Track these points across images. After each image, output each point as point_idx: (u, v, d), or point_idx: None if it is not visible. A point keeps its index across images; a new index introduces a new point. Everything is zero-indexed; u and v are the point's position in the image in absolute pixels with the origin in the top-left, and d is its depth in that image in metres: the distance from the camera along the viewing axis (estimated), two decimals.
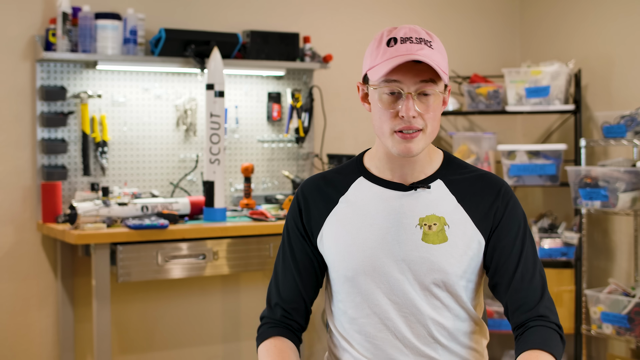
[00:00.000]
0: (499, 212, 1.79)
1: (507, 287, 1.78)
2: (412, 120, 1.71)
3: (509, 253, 1.79)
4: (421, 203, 1.79)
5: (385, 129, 1.74)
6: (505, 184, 1.85)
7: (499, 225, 1.79)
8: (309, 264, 1.87)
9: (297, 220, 1.87)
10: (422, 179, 1.81)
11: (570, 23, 4.55)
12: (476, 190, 1.81)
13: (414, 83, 1.71)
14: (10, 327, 3.65)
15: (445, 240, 1.76)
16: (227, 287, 4.10)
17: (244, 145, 4.09)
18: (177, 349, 4.00)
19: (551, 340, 1.73)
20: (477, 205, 1.80)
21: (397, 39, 1.72)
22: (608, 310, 3.83)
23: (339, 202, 1.84)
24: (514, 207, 1.82)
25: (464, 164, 1.88)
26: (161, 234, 3.31)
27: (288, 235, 1.89)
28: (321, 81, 4.24)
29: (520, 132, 4.86)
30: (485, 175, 1.85)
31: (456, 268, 1.76)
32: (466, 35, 4.74)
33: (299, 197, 1.89)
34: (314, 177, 1.91)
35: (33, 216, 3.66)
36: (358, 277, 1.79)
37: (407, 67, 1.70)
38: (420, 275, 1.76)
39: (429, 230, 1.77)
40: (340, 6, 4.39)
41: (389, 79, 1.71)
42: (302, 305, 1.90)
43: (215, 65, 3.52)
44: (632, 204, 3.79)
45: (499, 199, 1.81)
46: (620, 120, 3.85)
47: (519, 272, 1.78)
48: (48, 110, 3.65)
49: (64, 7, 3.53)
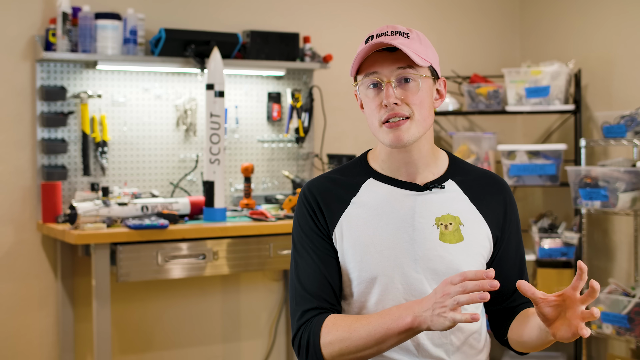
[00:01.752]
0: (508, 213, 1.85)
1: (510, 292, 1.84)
2: (396, 107, 1.73)
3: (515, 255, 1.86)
4: (436, 203, 1.80)
5: (374, 122, 1.77)
6: (507, 184, 1.91)
7: (509, 227, 1.85)
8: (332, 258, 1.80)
9: (311, 222, 1.81)
10: (434, 179, 1.82)
11: (570, 23, 4.55)
12: (485, 190, 1.85)
13: (391, 71, 1.73)
14: (10, 327, 3.65)
15: (461, 239, 1.78)
16: (227, 287, 4.10)
17: (244, 145, 4.09)
18: (177, 349, 4.00)
19: None
20: (487, 204, 1.84)
21: (373, 35, 1.76)
22: (608, 310, 3.83)
23: (351, 204, 1.82)
24: (515, 209, 1.89)
25: (467, 164, 1.91)
26: (161, 234, 3.30)
27: (304, 239, 1.81)
28: (321, 81, 4.24)
29: (520, 132, 4.86)
30: (490, 175, 1.90)
31: (471, 267, 1.78)
32: (466, 35, 4.74)
33: (309, 199, 1.83)
34: (319, 179, 1.88)
35: (33, 216, 3.66)
36: (377, 278, 1.77)
37: (384, 57, 1.74)
38: (439, 275, 1.76)
39: (446, 230, 1.78)
40: (340, 6, 4.39)
41: (368, 72, 1.75)
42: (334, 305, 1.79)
43: (215, 65, 3.52)
44: (632, 204, 3.79)
45: (506, 198, 1.87)
46: (620, 120, 3.85)
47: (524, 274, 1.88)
48: (48, 110, 3.65)
49: (64, 7, 3.53)
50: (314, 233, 1.81)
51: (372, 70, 1.75)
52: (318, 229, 1.81)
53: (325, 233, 1.81)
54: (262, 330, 4.19)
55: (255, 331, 4.17)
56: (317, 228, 1.81)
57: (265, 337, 4.20)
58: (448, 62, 4.55)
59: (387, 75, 1.74)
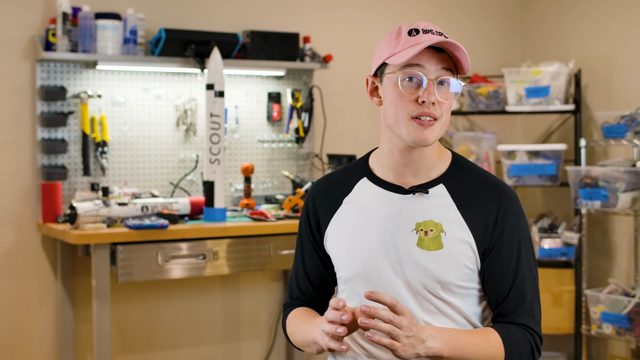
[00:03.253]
0: (498, 226, 1.75)
1: (500, 303, 1.77)
2: (431, 107, 1.71)
3: (506, 269, 1.76)
4: (420, 207, 1.77)
5: (401, 116, 1.73)
6: (513, 194, 1.80)
7: (499, 240, 1.76)
8: (317, 269, 1.91)
9: (305, 223, 1.91)
10: (425, 182, 1.79)
11: (570, 23, 4.55)
12: (480, 199, 1.77)
13: (435, 70, 1.72)
14: (10, 327, 3.65)
15: (440, 247, 1.74)
16: (227, 287, 4.10)
17: (244, 145, 4.09)
18: (177, 349, 4.00)
19: (516, 340, 1.73)
20: (477, 213, 1.76)
21: (418, 30, 1.73)
22: (608, 310, 3.83)
23: (342, 203, 1.84)
24: (516, 221, 1.78)
25: (473, 168, 1.84)
26: (161, 234, 3.30)
27: (301, 238, 1.94)
28: (321, 81, 4.24)
29: (520, 132, 4.86)
30: (493, 184, 1.80)
31: (450, 276, 1.73)
32: (466, 35, 4.74)
33: (308, 201, 1.91)
34: (321, 180, 1.93)
35: (33, 216, 3.66)
36: (356, 279, 1.79)
37: (430, 54, 1.71)
38: (412, 280, 1.74)
39: (425, 236, 1.75)
40: (340, 6, 4.39)
41: (412, 63, 1.71)
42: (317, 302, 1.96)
43: (215, 65, 3.52)
44: (632, 204, 3.79)
45: (501, 208, 1.76)
46: (620, 120, 3.85)
47: (514, 290, 1.76)
48: (48, 110, 3.65)
49: (64, 7, 3.53)
50: (305, 233, 1.91)
51: (417, 63, 1.71)
52: (309, 230, 1.90)
53: (314, 235, 1.89)
54: (262, 330, 4.19)
55: (255, 331, 4.17)
56: (309, 229, 1.90)
57: (265, 337, 4.20)
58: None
59: (430, 72, 1.71)
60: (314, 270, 1.91)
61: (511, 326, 1.75)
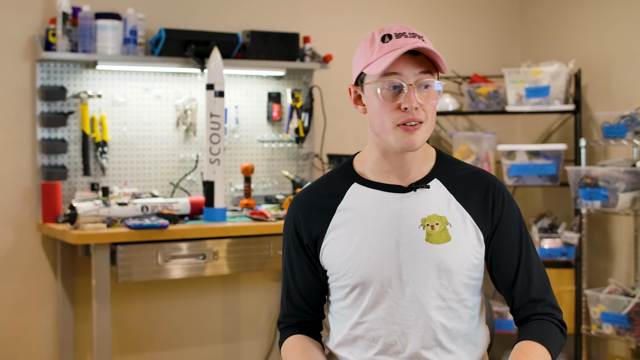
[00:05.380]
0: (497, 209, 1.81)
1: (512, 284, 1.81)
2: (415, 112, 1.71)
3: (511, 250, 1.81)
4: (421, 203, 1.79)
5: (387, 124, 1.74)
6: (498, 180, 1.86)
7: (500, 222, 1.81)
8: (308, 283, 1.89)
9: (296, 240, 1.87)
10: (420, 178, 1.81)
11: (570, 23, 4.55)
12: (472, 188, 1.82)
13: (413, 75, 1.72)
14: (10, 327, 3.65)
15: (448, 239, 1.76)
16: (227, 287, 4.10)
17: (244, 145, 4.09)
18: (177, 349, 4.00)
19: (550, 335, 1.77)
20: (475, 202, 1.80)
21: (391, 35, 1.74)
22: (608, 310, 3.83)
23: (336, 212, 1.83)
24: (510, 203, 1.84)
25: (455, 161, 1.88)
26: (161, 234, 3.31)
27: (289, 255, 1.90)
28: (321, 81, 4.24)
29: (520, 132, 4.86)
30: (478, 173, 1.85)
31: (460, 267, 1.76)
32: (466, 35, 4.74)
33: (293, 216, 1.87)
34: (302, 193, 1.89)
35: (33, 216, 3.66)
36: (366, 284, 1.78)
37: (405, 60, 1.72)
38: (427, 276, 1.75)
39: (432, 231, 1.76)
40: (340, 6, 4.39)
41: (389, 72, 1.72)
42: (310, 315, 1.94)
43: (215, 65, 3.52)
44: (632, 204, 3.79)
45: (496, 195, 1.82)
46: (620, 120, 3.85)
47: (522, 268, 1.81)
48: (48, 110, 3.65)
49: (64, 7, 3.53)
50: (294, 250, 1.88)
51: (394, 71, 1.72)
52: (299, 246, 1.87)
53: (307, 250, 1.86)
54: (262, 330, 4.19)
55: (255, 331, 4.17)
56: (299, 245, 1.87)
57: (265, 337, 4.20)
58: (448, 62, 4.54)
59: (408, 78, 1.72)
60: (306, 285, 1.89)
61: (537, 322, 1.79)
